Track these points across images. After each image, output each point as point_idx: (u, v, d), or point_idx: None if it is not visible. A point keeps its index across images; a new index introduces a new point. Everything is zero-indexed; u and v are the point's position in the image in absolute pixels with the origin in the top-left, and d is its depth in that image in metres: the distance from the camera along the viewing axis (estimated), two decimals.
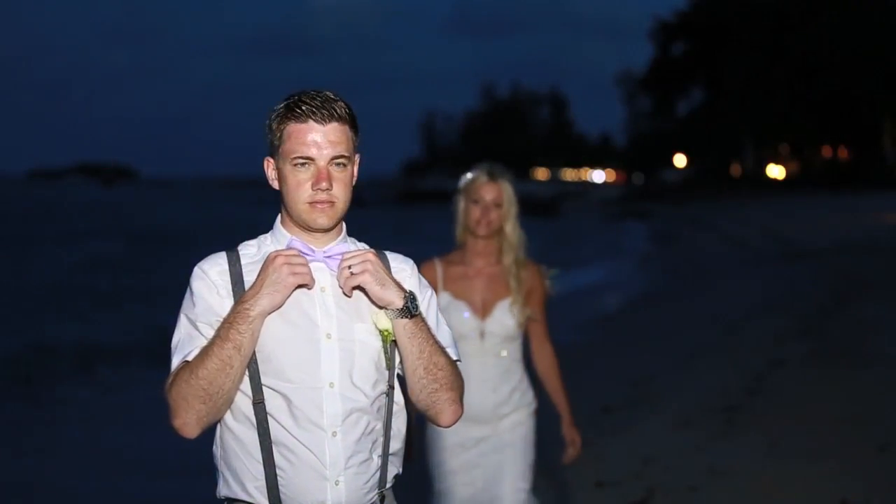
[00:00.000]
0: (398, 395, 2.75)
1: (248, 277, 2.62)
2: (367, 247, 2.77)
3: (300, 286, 2.63)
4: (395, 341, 2.67)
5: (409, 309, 2.59)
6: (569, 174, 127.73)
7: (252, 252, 2.69)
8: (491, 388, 4.46)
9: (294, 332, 2.60)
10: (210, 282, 2.62)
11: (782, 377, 9.34)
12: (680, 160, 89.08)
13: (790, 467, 6.61)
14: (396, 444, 2.73)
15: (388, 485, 2.73)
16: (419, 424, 4.26)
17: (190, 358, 2.56)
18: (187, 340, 2.60)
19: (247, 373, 2.60)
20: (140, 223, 56.95)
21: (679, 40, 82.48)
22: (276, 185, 2.67)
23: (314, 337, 2.60)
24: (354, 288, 2.60)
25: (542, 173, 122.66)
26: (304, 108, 2.59)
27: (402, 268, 2.77)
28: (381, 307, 2.65)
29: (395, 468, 2.74)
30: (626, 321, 15.67)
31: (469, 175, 4.58)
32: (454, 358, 2.76)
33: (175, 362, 2.59)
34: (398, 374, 2.74)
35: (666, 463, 7.03)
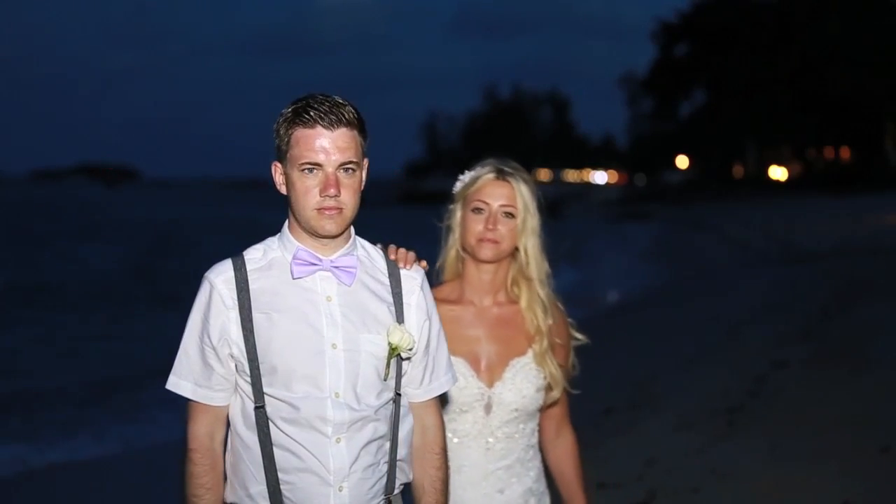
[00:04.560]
0: (405, 400, 2.75)
1: (255, 285, 2.61)
2: (376, 248, 2.77)
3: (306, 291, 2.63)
4: (400, 356, 2.66)
5: None
6: (570, 175, 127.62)
7: (258, 257, 2.67)
8: (496, 487, 3.15)
9: (299, 344, 2.58)
10: (216, 293, 2.61)
11: (784, 379, 9.31)
12: (682, 161, 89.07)
13: (792, 469, 6.60)
14: (404, 449, 2.72)
15: (396, 491, 2.72)
16: None
17: (190, 396, 2.63)
18: (185, 360, 2.64)
19: (249, 379, 2.60)
20: (144, 224, 56.92)
21: (681, 42, 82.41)
22: (283, 189, 2.64)
23: (320, 348, 2.58)
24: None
25: (543, 174, 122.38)
26: (312, 113, 2.55)
27: (413, 276, 2.76)
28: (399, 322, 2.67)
29: (403, 475, 2.72)
30: (628, 322, 15.64)
31: (468, 174, 3.24)
32: (449, 387, 2.82)
33: (171, 381, 2.65)
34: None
35: (667, 464, 7.02)
